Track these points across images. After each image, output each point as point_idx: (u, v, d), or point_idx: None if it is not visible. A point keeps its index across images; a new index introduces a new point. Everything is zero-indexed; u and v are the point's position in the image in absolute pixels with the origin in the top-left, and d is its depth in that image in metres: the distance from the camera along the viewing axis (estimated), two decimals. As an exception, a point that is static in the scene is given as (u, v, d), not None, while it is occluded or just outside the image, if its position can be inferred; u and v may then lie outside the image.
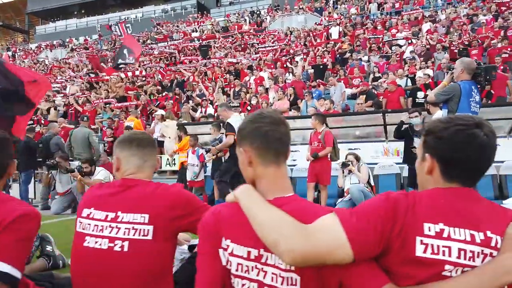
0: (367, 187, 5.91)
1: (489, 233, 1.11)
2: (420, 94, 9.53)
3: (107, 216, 1.57)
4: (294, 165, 8.63)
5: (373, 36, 16.22)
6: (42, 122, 11.42)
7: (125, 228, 1.53)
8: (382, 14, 21.80)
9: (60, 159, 6.78)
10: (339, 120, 8.41)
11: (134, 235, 1.53)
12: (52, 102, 14.00)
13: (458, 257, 1.09)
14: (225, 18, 30.13)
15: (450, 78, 4.97)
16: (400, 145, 7.85)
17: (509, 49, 11.83)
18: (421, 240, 1.10)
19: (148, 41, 26.35)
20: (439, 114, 5.57)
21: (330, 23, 19.38)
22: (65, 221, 6.18)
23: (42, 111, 13.81)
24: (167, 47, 22.01)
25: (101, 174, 6.34)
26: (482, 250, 1.10)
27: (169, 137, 9.68)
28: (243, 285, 1.24)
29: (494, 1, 17.17)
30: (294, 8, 25.05)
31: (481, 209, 1.17)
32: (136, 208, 1.56)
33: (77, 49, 28.37)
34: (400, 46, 14.68)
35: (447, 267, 1.09)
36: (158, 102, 12.37)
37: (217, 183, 6.48)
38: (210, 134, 8.49)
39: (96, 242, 1.55)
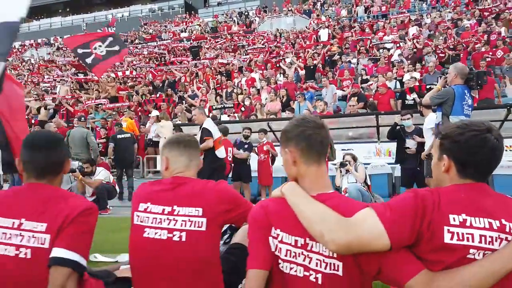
0: (364, 186, 6.13)
1: (503, 221, 1.30)
2: (409, 96, 9.86)
3: (164, 210, 1.72)
4: (288, 165, 8.84)
5: (361, 37, 16.50)
6: (33, 122, 11.32)
7: (182, 220, 1.69)
8: (369, 17, 22.23)
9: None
10: (332, 122, 8.63)
11: (190, 226, 1.69)
12: (43, 102, 13.84)
13: (480, 242, 1.28)
14: (213, 19, 30.16)
15: (444, 82, 5.23)
16: (392, 146, 8.13)
17: (490, 53, 12.26)
18: (448, 229, 1.29)
19: (136, 41, 26.25)
20: (432, 116, 5.84)
21: (319, 26, 19.63)
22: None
23: (31, 110, 13.67)
24: (156, 47, 21.94)
25: (102, 174, 6.43)
26: (499, 235, 1.28)
27: (165, 138, 9.74)
28: (291, 268, 1.41)
29: (477, 7, 17.70)
30: (283, 10, 25.26)
31: (494, 201, 1.37)
32: (190, 202, 1.72)
33: (63, 48, 28.00)
34: (388, 50, 15.02)
35: (471, 251, 1.27)
36: (155, 103, 12.40)
37: None
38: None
39: (156, 233, 1.70)
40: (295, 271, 1.40)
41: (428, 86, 9.50)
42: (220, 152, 6.28)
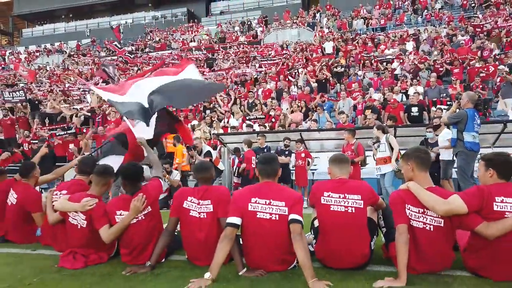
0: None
1: None
2: (414, 109, 11.30)
3: (339, 195, 3.07)
4: (316, 169, 10.20)
5: (366, 53, 17.81)
6: (84, 130, 12.42)
7: (351, 202, 3.04)
8: (368, 29, 23.70)
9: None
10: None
11: (355, 205, 3.04)
12: (76, 110, 14.94)
13: (511, 209, 2.73)
14: (216, 28, 31.33)
15: (457, 105, 6.70)
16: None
17: (485, 69, 13.74)
18: (495, 204, 2.75)
19: (147, 49, 27.42)
20: (446, 131, 7.35)
21: (324, 38, 20.98)
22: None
23: (63, 118, 14.70)
24: (171, 56, 23.12)
25: (178, 175, 7.79)
26: None
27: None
28: (416, 224, 2.85)
29: (472, 23, 19.22)
30: (287, 22, 26.61)
31: None
32: (354, 192, 3.07)
33: (74, 56, 29.00)
34: (391, 63, 16.29)
35: (507, 214, 2.73)
36: (184, 113, 13.60)
37: None
38: (238, 142, 9.98)
39: (337, 208, 3.05)
40: (418, 225, 2.84)
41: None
42: (221, 166, 9.31)
